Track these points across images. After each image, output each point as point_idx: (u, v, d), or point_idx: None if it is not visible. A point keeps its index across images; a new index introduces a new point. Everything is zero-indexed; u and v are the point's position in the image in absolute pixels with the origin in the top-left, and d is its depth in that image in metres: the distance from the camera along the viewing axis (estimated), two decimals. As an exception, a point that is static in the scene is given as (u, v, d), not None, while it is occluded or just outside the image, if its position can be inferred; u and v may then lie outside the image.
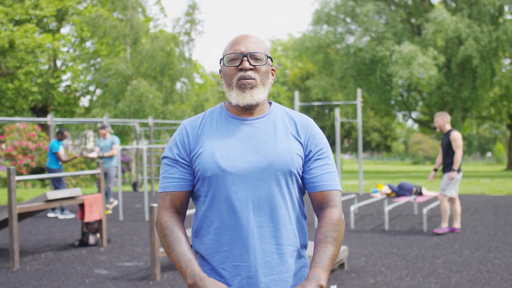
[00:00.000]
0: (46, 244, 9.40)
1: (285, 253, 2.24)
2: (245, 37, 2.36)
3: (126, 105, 23.99)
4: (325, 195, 2.30)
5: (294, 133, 2.33)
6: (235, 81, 2.29)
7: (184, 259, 2.19)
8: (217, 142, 2.27)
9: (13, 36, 25.49)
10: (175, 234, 2.24)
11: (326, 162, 2.34)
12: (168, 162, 2.32)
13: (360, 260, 7.76)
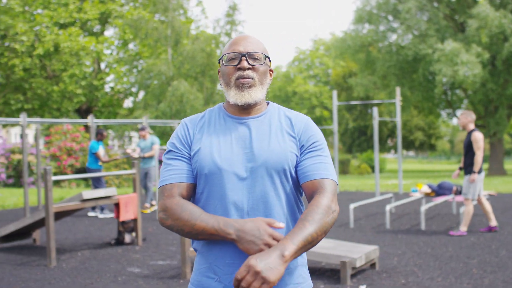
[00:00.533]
0: (84, 242, 9.58)
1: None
2: (244, 38, 2.39)
3: (167, 106, 24.24)
4: (315, 183, 2.25)
5: (289, 131, 2.34)
6: (234, 80, 2.32)
7: (212, 219, 2.15)
8: (215, 141, 2.30)
9: (58, 40, 25.99)
10: (190, 207, 2.21)
11: (319, 154, 2.31)
12: (172, 155, 2.33)
13: (393, 260, 7.69)
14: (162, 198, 2.27)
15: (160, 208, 2.25)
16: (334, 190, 2.25)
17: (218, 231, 2.12)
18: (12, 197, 17.83)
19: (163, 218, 2.24)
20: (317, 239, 2.13)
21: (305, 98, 52.83)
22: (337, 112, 47.35)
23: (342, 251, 6.77)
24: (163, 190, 2.28)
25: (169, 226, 2.21)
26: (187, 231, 2.16)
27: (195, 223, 2.14)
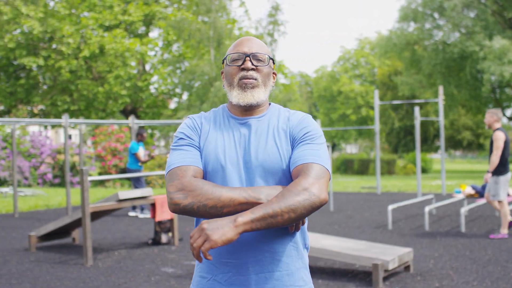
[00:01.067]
0: (121, 242, 9.69)
1: (278, 252, 2.22)
2: (248, 39, 2.41)
3: (209, 106, 24.35)
4: (299, 168, 2.20)
5: (285, 129, 2.32)
6: (237, 80, 2.33)
7: (237, 189, 2.14)
8: (220, 140, 2.31)
9: (103, 42, 26.39)
10: (211, 183, 2.19)
11: (309, 143, 2.26)
12: (183, 142, 2.31)
13: (428, 263, 7.56)
14: (177, 178, 2.19)
15: (175, 189, 2.17)
16: (320, 175, 2.15)
17: (248, 199, 2.10)
18: (57, 197, 18.18)
19: (179, 198, 2.14)
20: (283, 216, 2.05)
21: (350, 98, 52.44)
22: (383, 112, 47.02)
23: (375, 253, 6.68)
24: (177, 171, 2.22)
25: (188, 205, 2.12)
26: (211, 205, 2.10)
27: (221, 195, 2.11)
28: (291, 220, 2.07)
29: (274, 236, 2.21)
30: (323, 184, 2.14)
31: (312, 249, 6.92)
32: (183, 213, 2.16)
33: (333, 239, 7.42)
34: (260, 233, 2.19)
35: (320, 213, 12.92)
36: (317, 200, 2.09)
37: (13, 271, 7.47)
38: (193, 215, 2.15)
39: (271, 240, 2.21)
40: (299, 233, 2.30)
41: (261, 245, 2.20)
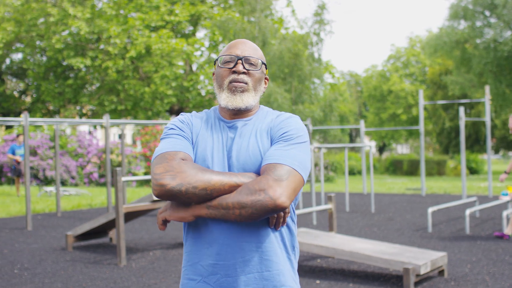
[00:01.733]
0: (158, 242, 9.72)
1: (266, 251, 2.17)
2: (242, 42, 2.37)
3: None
4: (264, 168, 2.13)
5: (268, 130, 2.27)
6: (227, 83, 2.29)
7: (227, 173, 2.13)
8: (208, 142, 2.27)
9: (150, 42, 26.66)
10: (200, 165, 2.17)
11: (283, 142, 2.19)
12: (174, 132, 2.28)
13: (465, 267, 7.33)
14: (166, 161, 2.14)
15: (162, 170, 2.10)
16: (283, 177, 2.07)
17: (238, 183, 2.08)
18: (101, 196, 18.42)
19: (165, 180, 2.07)
20: (234, 212, 2.04)
21: (401, 97, 51.76)
22: (434, 112, 46.19)
23: (407, 257, 6.52)
24: (165, 155, 2.17)
25: (176, 187, 2.05)
26: (201, 188, 2.05)
27: (211, 178, 2.07)
28: (244, 218, 2.05)
29: (260, 235, 2.17)
30: (285, 187, 2.06)
31: (344, 253, 6.81)
32: (168, 197, 2.09)
33: (366, 242, 7.28)
34: (246, 232, 2.15)
35: (361, 214, 12.74)
36: (271, 203, 2.02)
37: (47, 270, 7.56)
38: (179, 198, 2.07)
39: (258, 240, 2.16)
40: (286, 234, 2.25)
41: (247, 245, 2.16)
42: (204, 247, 2.19)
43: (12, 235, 10.57)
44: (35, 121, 12.06)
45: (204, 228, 2.20)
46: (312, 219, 11.71)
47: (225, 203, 2.05)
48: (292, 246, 2.29)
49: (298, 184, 2.11)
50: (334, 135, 27.71)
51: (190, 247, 2.25)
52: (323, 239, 7.33)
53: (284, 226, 2.23)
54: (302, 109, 25.29)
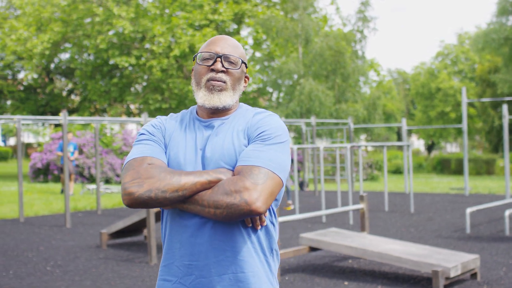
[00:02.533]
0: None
1: (240, 252, 2.10)
2: (223, 38, 2.29)
3: (296, 105, 24.25)
4: (239, 169, 2.07)
5: (244, 129, 2.20)
6: (205, 81, 2.22)
7: (198, 171, 2.07)
8: (181, 144, 2.21)
9: (193, 41, 26.77)
10: (169, 168, 2.12)
11: (260, 143, 2.11)
12: (144, 137, 2.24)
13: (500, 270, 7.13)
14: (132, 168, 2.09)
15: (129, 178, 2.05)
16: (260, 180, 2.00)
17: (209, 179, 2.04)
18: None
19: (133, 187, 2.02)
20: (209, 211, 2.01)
21: (449, 95, 50.81)
22: (484, 110, 45.17)
23: (437, 259, 6.36)
24: (132, 162, 2.13)
25: (144, 194, 2.00)
26: (171, 191, 2.00)
27: (181, 179, 2.02)
28: (218, 218, 2.01)
29: (234, 235, 2.10)
30: (261, 192, 1.99)
31: (373, 254, 6.69)
32: (139, 205, 2.04)
33: (396, 244, 7.14)
34: (219, 232, 2.09)
35: (399, 214, 12.54)
36: (246, 208, 1.97)
37: (79, 268, 7.65)
38: (150, 205, 2.03)
39: (232, 239, 2.10)
40: (263, 236, 2.18)
41: (221, 245, 2.10)
42: (176, 247, 2.15)
43: (50, 232, 10.75)
44: (73, 119, 12.23)
45: (176, 228, 2.15)
46: (349, 218, 11.57)
47: (201, 201, 2.01)
48: (271, 248, 2.21)
49: (275, 187, 2.04)
50: (378, 134, 27.40)
51: (166, 247, 2.20)
52: (353, 239, 7.23)
53: (262, 228, 2.16)
54: (345, 108, 25.08)
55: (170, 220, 2.18)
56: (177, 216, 2.14)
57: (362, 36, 26.56)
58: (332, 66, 25.45)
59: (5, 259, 8.26)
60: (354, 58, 25.99)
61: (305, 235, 7.44)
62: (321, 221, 11.73)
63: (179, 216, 2.13)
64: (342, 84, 26.28)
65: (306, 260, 7.97)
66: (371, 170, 25.14)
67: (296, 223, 11.52)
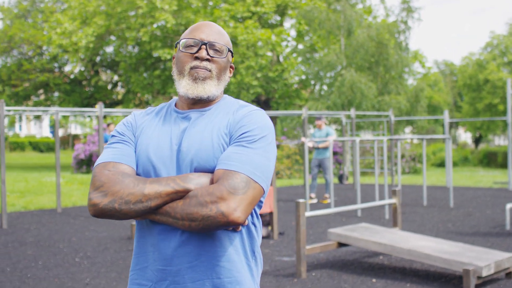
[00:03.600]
0: (223, 234, 9.65)
1: (216, 256, 1.96)
2: (208, 25, 2.16)
3: (337, 96, 23.98)
4: (218, 174, 1.91)
5: (226, 125, 2.04)
6: (188, 69, 2.08)
7: (164, 178, 1.92)
8: (153, 138, 2.07)
9: (235, 33, 26.73)
10: (134, 175, 1.98)
11: (243, 145, 1.95)
12: (113, 140, 2.11)
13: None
14: (96, 176, 1.97)
15: (93, 188, 1.93)
16: (239, 189, 1.85)
17: (176, 188, 1.88)
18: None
19: (97, 198, 1.91)
20: (184, 224, 1.85)
21: (497, 87, 49.67)
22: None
23: (469, 257, 6.13)
24: (96, 170, 2.00)
25: (108, 204, 1.89)
26: (134, 201, 1.87)
27: (145, 187, 1.88)
28: (195, 230, 1.86)
29: (210, 238, 1.96)
30: (239, 201, 1.84)
31: (402, 251, 6.51)
32: (105, 217, 1.91)
33: (427, 240, 6.93)
34: (194, 235, 1.94)
35: (438, 209, 12.24)
36: (223, 220, 1.82)
37: (107, 259, 7.66)
38: (116, 217, 1.90)
39: (207, 243, 1.96)
40: (245, 237, 2.03)
41: (195, 249, 1.95)
42: (150, 250, 2.01)
43: (85, 223, 10.83)
44: (109, 111, 12.30)
45: (148, 229, 2.02)
46: (385, 213, 11.34)
47: (173, 213, 1.86)
48: (252, 251, 2.06)
49: (256, 196, 1.89)
50: (421, 126, 26.91)
51: (138, 249, 2.07)
52: (382, 235, 7.04)
53: (242, 230, 2.02)
54: (388, 100, 24.69)
55: (141, 221, 2.06)
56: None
57: (406, 27, 26.07)
58: (375, 57, 25.07)
59: (36, 250, 8.34)
60: (398, 49, 25.52)
61: (333, 230, 7.29)
62: (356, 215, 11.53)
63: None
64: (385, 75, 25.87)
65: (336, 255, 7.82)
66: (414, 163, 24.72)
67: (331, 217, 11.36)
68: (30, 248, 8.47)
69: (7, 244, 8.82)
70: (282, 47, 29.04)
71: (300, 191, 16.18)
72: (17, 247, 8.57)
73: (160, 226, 1.98)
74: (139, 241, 2.07)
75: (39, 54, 34.31)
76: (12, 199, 14.67)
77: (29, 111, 16.11)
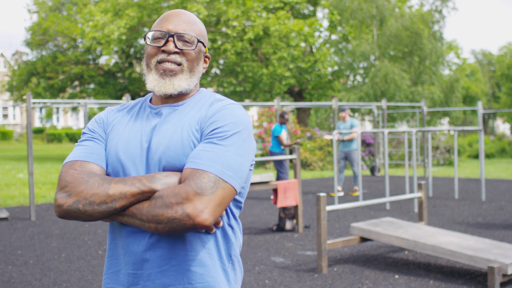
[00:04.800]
0: (248, 226, 9.58)
1: (187, 260, 1.85)
2: (177, 14, 2.02)
3: (370, 87, 23.67)
4: (186, 173, 1.79)
5: (198, 121, 1.92)
6: (154, 63, 1.97)
7: (130, 178, 1.82)
8: (124, 135, 1.97)
9: (267, 24, 26.59)
10: (99, 174, 1.88)
11: (214, 141, 1.83)
12: (83, 137, 2.02)
13: None
14: (61, 176, 1.87)
15: (58, 188, 1.84)
16: (206, 189, 1.73)
17: (142, 188, 1.77)
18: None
19: (61, 198, 1.81)
20: (150, 227, 1.75)
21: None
22: None
23: (494, 254, 5.94)
24: (63, 168, 1.90)
25: (72, 205, 1.79)
26: (99, 202, 1.77)
27: (109, 187, 1.78)
28: (162, 233, 1.75)
29: (180, 241, 1.85)
30: (207, 202, 1.72)
31: (425, 246, 6.34)
32: (70, 218, 1.82)
33: (453, 236, 6.73)
34: (164, 238, 1.84)
35: (469, 203, 11.96)
36: (189, 222, 1.71)
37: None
38: (82, 218, 1.81)
39: (178, 246, 1.85)
40: (220, 239, 1.92)
41: (165, 253, 1.85)
42: (121, 253, 1.92)
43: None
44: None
45: (119, 231, 1.93)
46: (414, 207, 11.12)
47: (139, 215, 1.76)
48: (229, 255, 1.94)
49: (227, 197, 1.77)
50: (456, 117, 26.42)
51: (111, 252, 1.97)
52: (406, 230, 6.88)
53: (218, 230, 1.90)
54: (421, 91, 24.30)
55: (113, 223, 1.97)
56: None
57: (440, 16, 25.60)
58: (409, 47, 24.66)
59: (61, 242, 8.38)
60: (432, 39, 25.07)
61: (356, 225, 7.15)
62: (385, 208, 11.34)
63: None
64: (419, 66, 25.45)
65: (360, 250, 7.68)
66: (449, 155, 24.31)
67: (359, 210, 11.19)
68: (55, 241, 8.50)
69: (33, 236, 8.88)
70: (315, 38, 28.79)
71: (331, 184, 16.01)
72: (42, 239, 8.61)
73: (128, 228, 1.88)
74: (111, 243, 1.98)
75: (74, 47, 34.65)
76: (44, 190, 14.81)
77: (57, 103, 16.24)
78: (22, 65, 36.34)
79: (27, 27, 35.69)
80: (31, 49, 36.19)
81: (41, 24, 34.01)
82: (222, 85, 29.12)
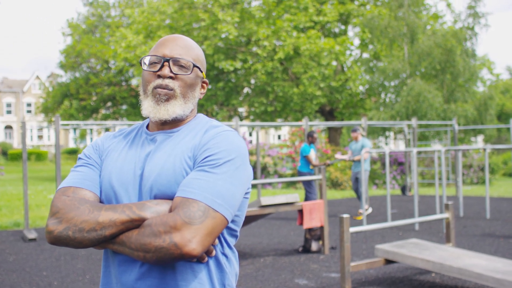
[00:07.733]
0: (273, 247, 9.50)
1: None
2: (173, 39, 2.00)
3: (402, 106, 23.44)
4: (176, 202, 1.75)
5: (191, 148, 1.88)
6: (151, 89, 1.94)
7: (120, 205, 1.79)
8: (118, 162, 1.94)
9: (298, 43, 26.60)
10: (90, 201, 1.84)
11: (206, 170, 1.79)
12: (78, 163, 2.00)
13: None
14: (53, 202, 1.85)
15: (50, 214, 1.82)
16: (195, 218, 1.69)
17: (131, 216, 1.74)
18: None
19: (52, 225, 1.79)
20: (139, 256, 1.70)
21: None
22: None
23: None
24: (56, 194, 1.88)
25: (63, 232, 1.76)
26: (88, 229, 1.74)
27: (99, 214, 1.75)
28: (151, 263, 1.71)
29: (171, 270, 1.81)
30: (195, 232, 1.68)
31: (451, 269, 6.19)
32: (61, 244, 1.79)
33: (480, 258, 6.56)
34: (154, 268, 1.80)
35: (501, 223, 11.68)
36: (176, 252, 1.66)
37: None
38: (72, 245, 1.78)
39: (168, 276, 1.81)
40: (213, 268, 1.86)
41: (156, 283, 1.81)
42: (114, 282, 1.88)
43: (139, 237, 10.85)
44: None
45: (112, 259, 1.90)
46: (443, 227, 10.90)
47: (129, 243, 1.72)
48: (222, 285, 1.89)
49: (216, 226, 1.73)
50: (490, 135, 26.00)
51: (105, 280, 1.94)
52: (431, 252, 6.73)
53: (211, 259, 1.85)
54: (454, 108, 23.98)
55: (106, 251, 1.94)
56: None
57: (472, 33, 25.30)
58: (441, 65, 24.40)
59: (86, 264, 8.39)
60: (465, 56, 24.76)
61: (380, 247, 7.01)
62: (414, 228, 11.15)
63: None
64: (451, 83, 25.15)
65: (386, 272, 7.54)
66: (482, 173, 23.90)
67: (387, 230, 11.02)
68: (81, 262, 8.53)
69: (59, 257, 8.92)
70: (346, 56, 28.71)
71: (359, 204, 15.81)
72: (68, 261, 8.65)
73: (120, 256, 1.85)
74: (105, 271, 1.94)
75: (106, 69, 35.11)
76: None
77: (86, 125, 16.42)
78: (56, 87, 36.94)
79: (61, 50, 36.33)
80: (65, 71, 36.79)
81: (75, 46, 34.56)
82: (253, 105, 29.17)
